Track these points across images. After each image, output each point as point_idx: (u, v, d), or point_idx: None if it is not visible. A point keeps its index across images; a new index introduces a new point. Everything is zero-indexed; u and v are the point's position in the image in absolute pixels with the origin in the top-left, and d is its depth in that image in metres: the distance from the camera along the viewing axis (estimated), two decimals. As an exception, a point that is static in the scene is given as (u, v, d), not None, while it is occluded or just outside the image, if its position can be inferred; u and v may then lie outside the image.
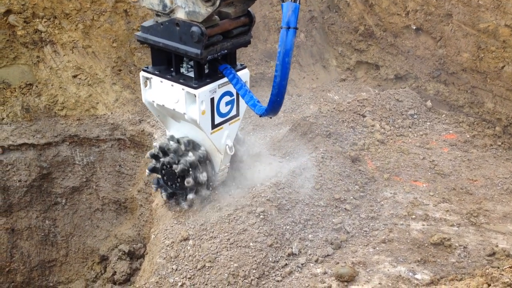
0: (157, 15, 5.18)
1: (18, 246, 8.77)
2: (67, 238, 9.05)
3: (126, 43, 8.33)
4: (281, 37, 4.46)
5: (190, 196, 5.74)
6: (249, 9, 5.26)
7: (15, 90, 8.41)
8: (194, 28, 4.80)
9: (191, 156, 5.57)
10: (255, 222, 5.37)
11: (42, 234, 8.90)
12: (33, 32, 8.19)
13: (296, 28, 4.46)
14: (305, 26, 9.32)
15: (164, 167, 5.79)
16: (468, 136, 7.55)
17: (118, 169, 8.77)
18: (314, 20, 9.44)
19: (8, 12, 8.04)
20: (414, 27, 8.35)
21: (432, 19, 8.06)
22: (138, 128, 8.21)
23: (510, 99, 7.37)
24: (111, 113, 8.42)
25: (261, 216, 5.42)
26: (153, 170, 5.94)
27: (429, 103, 8.25)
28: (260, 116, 5.04)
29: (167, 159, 5.70)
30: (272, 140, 7.56)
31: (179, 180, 5.71)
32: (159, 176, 5.96)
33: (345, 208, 5.81)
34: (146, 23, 5.31)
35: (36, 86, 8.42)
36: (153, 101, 5.63)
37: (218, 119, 5.52)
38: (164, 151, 5.74)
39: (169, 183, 5.86)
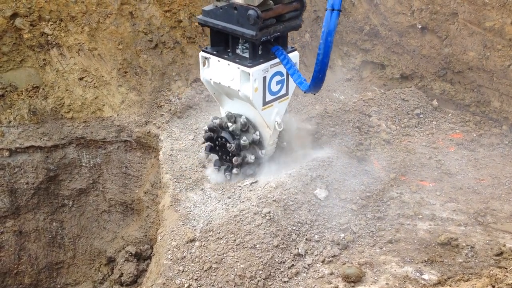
0: (217, 0, 5.75)
1: (26, 248, 8.81)
2: (74, 240, 9.09)
3: (131, 45, 8.35)
4: (326, 18, 4.90)
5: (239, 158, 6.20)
6: None
7: (22, 93, 8.45)
8: (250, 12, 5.32)
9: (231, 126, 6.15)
10: (261, 223, 5.37)
11: (50, 236, 8.94)
12: (39, 35, 8.23)
13: (339, 10, 4.87)
14: (310, 26, 9.30)
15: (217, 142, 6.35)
16: (474, 135, 7.51)
17: (125, 170, 8.79)
18: (319, 20, 9.42)
19: (15, 15, 8.09)
20: (420, 26, 8.32)
21: (437, 18, 8.03)
22: (144, 129, 8.23)
23: (517, 97, 7.34)
24: (117, 115, 8.43)
25: (267, 217, 5.42)
26: (211, 149, 6.50)
27: (435, 102, 8.22)
28: (304, 92, 5.53)
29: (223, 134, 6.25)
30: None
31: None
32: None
33: (351, 208, 5.80)
34: (207, 8, 5.91)
35: (43, 89, 8.46)
36: (210, 79, 6.18)
37: (269, 97, 6.04)
38: (214, 129, 6.26)
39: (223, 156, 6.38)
